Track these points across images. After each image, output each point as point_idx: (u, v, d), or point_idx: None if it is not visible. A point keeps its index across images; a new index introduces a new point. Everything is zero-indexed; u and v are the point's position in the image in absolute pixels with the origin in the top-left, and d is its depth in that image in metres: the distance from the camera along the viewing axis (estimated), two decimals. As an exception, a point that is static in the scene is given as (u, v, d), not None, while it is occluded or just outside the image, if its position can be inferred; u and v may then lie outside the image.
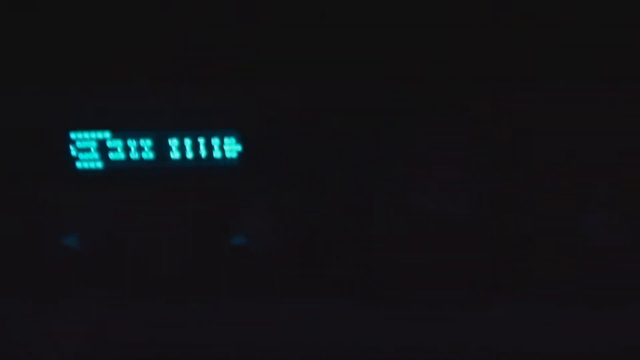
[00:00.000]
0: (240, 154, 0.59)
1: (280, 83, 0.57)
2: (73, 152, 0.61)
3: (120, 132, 0.60)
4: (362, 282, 0.60)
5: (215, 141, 0.60)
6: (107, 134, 0.60)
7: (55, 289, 0.59)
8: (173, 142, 0.60)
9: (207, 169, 0.60)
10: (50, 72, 0.60)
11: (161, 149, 0.61)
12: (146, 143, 0.61)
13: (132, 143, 0.61)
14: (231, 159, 0.60)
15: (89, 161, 0.61)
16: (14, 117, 0.60)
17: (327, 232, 0.59)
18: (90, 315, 0.55)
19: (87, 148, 0.61)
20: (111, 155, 0.61)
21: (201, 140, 0.60)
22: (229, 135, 0.59)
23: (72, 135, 0.60)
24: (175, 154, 0.60)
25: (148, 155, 0.61)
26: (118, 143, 0.61)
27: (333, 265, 0.60)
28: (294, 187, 0.59)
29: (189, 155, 0.60)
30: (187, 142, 0.60)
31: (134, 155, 0.61)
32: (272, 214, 0.59)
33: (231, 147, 0.60)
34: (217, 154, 0.60)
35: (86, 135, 0.61)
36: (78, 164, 0.61)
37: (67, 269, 0.59)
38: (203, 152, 0.60)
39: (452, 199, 0.57)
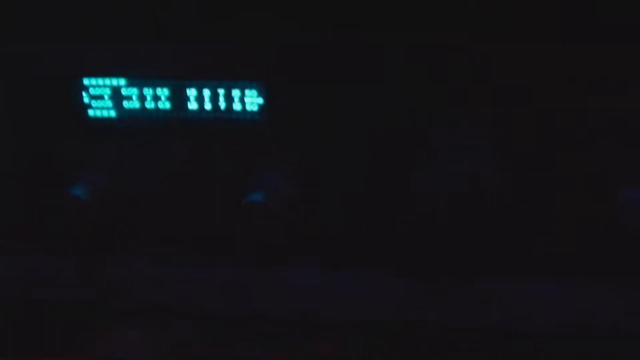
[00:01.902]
0: (261, 107, 0.56)
1: (306, 35, 0.54)
2: (86, 100, 0.58)
3: (136, 79, 0.57)
4: (388, 248, 0.57)
5: (235, 93, 0.57)
6: (122, 81, 0.58)
7: (59, 241, 0.57)
8: (191, 92, 0.57)
9: (225, 122, 0.57)
10: (64, 15, 0.57)
11: (178, 99, 0.58)
12: (163, 92, 0.58)
13: (148, 92, 0.58)
14: (252, 112, 0.57)
15: (102, 109, 0.58)
16: (23, 61, 0.57)
17: (352, 191, 0.56)
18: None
19: (100, 95, 0.58)
20: (125, 104, 0.58)
21: (221, 92, 0.57)
22: (250, 87, 0.56)
23: (85, 82, 0.58)
24: (192, 105, 0.57)
25: (164, 105, 0.58)
26: (133, 91, 0.58)
27: (357, 229, 0.56)
28: (317, 143, 0.55)
29: (207, 106, 0.57)
30: (206, 92, 0.57)
31: (149, 104, 0.58)
32: (293, 171, 0.56)
33: (252, 100, 0.57)
34: (237, 106, 0.57)
35: (100, 81, 0.58)
36: (90, 112, 0.58)
37: (74, 220, 0.56)
38: (222, 104, 0.57)
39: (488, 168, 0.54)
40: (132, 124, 0.57)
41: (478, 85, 0.53)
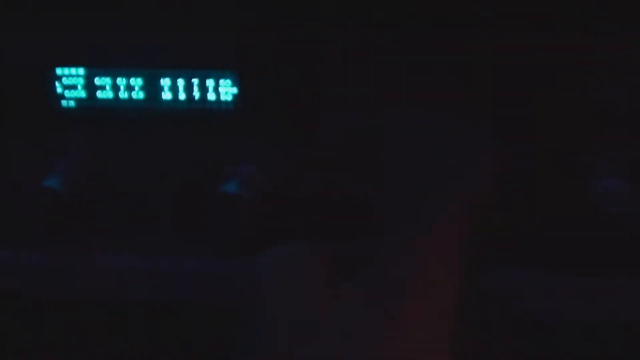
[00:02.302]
0: (236, 96, 0.56)
1: (281, 23, 0.54)
2: (59, 89, 0.57)
3: (109, 69, 0.57)
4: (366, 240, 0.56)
5: (209, 82, 0.56)
6: (95, 71, 0.57)
7: (33, 233, 0.56)
8: (165, 82, 0.57)
9: (200, 112, 0.56)
10: (37, 4, 0.56)
11: (152, 88, 0.57)
12: (136, 82, 0.57)
13: (121, 81, 0.57)
14: (226, 102, 0.56)
15: (75, 99, 0.58)
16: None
17: (328, 183, 0.55)
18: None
19: (73, 85, 0.58)
20: (99, 94, 0.57)
21: (195, 81, 0.57)
22: (224, 76, 0.56)
23: (58, 71, 0.57)
24: (166, 95, 0.57)
25: (138, 95, 0.57)
26: (107, 81, 0.57)
27: (333, 220, 0.56)
28: (293, 133, 0.55)
29: (182, 96, 0.57)
30: (180, 82, 0.57)
31: (123, 94, 0.57)
32: (268, 161, 0.56)
33: (227, 90, 0.56)
34: (211, 96, 0.56)
35: (73, 71, 0.57)
36: (63, 102, 0.57)
37: (48, 212, 0.56)
38: (197, 94, 0.57)
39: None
40: (105, 114, 0.57)
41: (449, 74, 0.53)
